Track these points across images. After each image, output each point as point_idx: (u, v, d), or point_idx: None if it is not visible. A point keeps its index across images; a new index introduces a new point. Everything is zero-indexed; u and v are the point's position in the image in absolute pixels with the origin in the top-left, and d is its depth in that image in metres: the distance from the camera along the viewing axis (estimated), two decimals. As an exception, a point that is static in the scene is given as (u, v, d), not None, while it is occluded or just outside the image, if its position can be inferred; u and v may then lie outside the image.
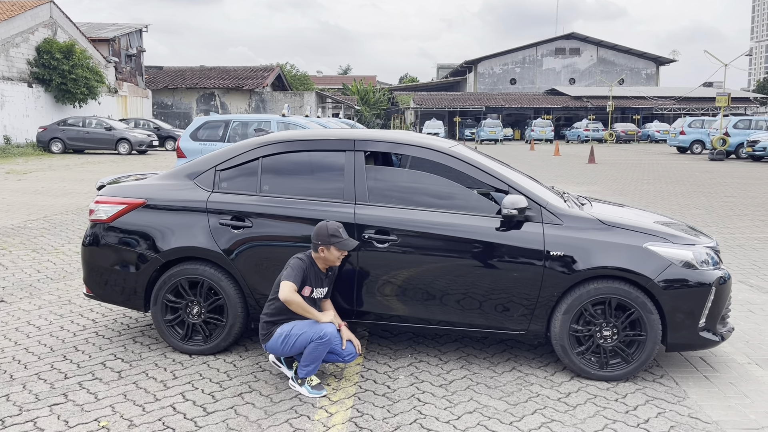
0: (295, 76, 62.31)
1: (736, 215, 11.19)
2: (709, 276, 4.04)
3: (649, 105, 54.77)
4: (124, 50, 39.86)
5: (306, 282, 3.89)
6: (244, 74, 46.48)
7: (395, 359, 4.43)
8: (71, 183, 15.42)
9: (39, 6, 29.97)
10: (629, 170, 20.95)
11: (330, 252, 3.89)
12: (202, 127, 12.61)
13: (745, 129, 27.52)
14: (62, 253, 7.72)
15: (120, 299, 4.59)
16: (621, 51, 65.09)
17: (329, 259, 3.93)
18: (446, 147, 4.48)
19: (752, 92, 65.46)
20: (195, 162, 4.69)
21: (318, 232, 3.91)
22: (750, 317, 5.42)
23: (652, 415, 3.61)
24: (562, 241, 4.03)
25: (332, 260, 3.93)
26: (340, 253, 3.92)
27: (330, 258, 3.92)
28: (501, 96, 58.70)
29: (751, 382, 4.10)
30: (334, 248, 3.88)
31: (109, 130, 27.05)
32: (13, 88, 27.81)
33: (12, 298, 5.79)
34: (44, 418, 3.50)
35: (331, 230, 3.88)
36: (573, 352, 4.08)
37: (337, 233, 3.87)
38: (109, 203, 4.53)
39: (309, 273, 3.92)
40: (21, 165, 20.57)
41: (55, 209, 11.22)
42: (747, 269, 7.16)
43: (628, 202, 11.85)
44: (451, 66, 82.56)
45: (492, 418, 3.56)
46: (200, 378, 4.06)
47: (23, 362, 4.30)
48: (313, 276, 3.94)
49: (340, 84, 71.32)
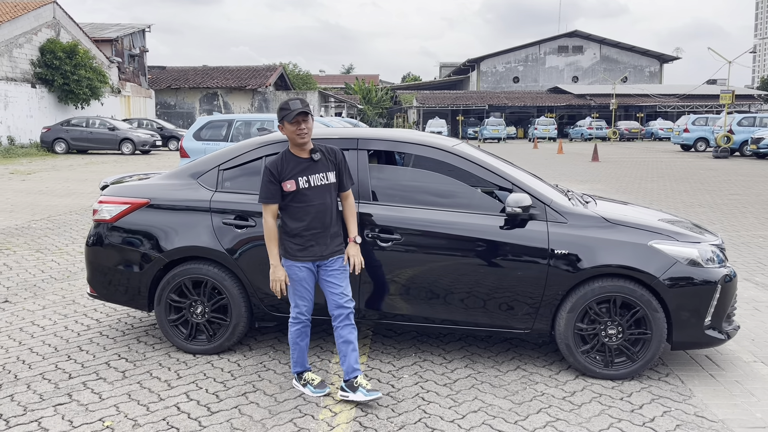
0: (297, 76, 62.34)
1: (740, 213, 11.15)
2: (715, 274, 4.02)
3: (652, 103, 54.63)
4: (127, 50, 39.91)
5: (283, 178, 3.58)
6: (247, 74, 46.50)
7: (399, 358, 4.42)
8: (75, 183, 15.45)
9: (42, 7, 30.03)
10: (633, 168, 20.90)
11: (286, 128, 3.58)
12: (205, 127, 12.62)
13: (750, 126, 27.39)
14: (66, 253, 7.73)
15: (124, 299, 4.59)
16: (624, 49, 64.94)
17: (291, 138, 3.59)
18: (449, 145, 4.47)
19: (756, 89, 65.24)
20: (198, 162, 4.69)
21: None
22: (756, 315, 5.40)
23: (657, 414, 3.60)
24: (566, 240, 4.02)
25: (292, 138, 3.57)
26: (294, 127, 3.54)
27: (290, 136, 3.59)
28: (504, 94, 58.63)
29: (757, 380, 4.08)
30: (286, 123, 3.56)
31: (113, 131, 27.11)
32: (16, 89, 27.88)
33: (16, 299, 5.80)
34: (49, 418, 3.50)
35: (281, 104, 3.60)
36: (578, 350, 4.07)
37: (285, 105, 3.57)
38: (112, 203, 4.53)
39: (285, 167, 3.60)
40: (25, 165, 20.62)
41: (59, 209, 11.24)
42: (752, 267, 7.13)
43: (632, 200, 11.82)
44: (454, 64, 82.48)
45: (497, 417, 3.55)
46: (204, 377, 4.06)
47: (28, 362, 4.30)
48: (293, 166, 3.60)
49: (342, 83, 71.30)
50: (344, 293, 3.70)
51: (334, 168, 3.71)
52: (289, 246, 3.68)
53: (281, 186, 3.59)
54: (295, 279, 3.69)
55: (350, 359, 3.68)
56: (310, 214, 3.62)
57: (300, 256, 3.66)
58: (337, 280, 3.71)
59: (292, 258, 3.68)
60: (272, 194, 3.59)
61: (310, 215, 3.62)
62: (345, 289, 3.72)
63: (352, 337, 3.69)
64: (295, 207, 3.63)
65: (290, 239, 3.67)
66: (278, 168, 3.58)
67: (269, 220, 3.64)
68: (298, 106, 3.52)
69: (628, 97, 54.35)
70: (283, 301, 4.29)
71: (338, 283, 3.71)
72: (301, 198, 3.61)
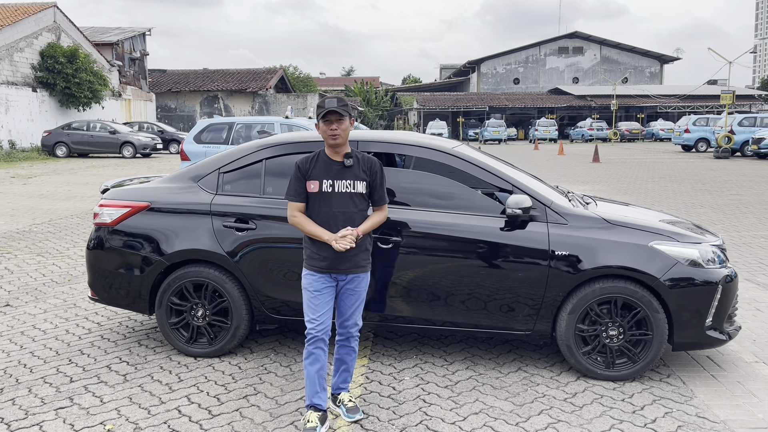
0: (298, 78, 62.36)
1: (741, 213, 11.14)
2: (716, 274, 4.01)
3: (653, 103, 54.61)
4: (127, 54, 39.98)
5: (309, 177, 3.36)
6: (248, 77, 46.56)
7: (400, 360, 4.41)
8: (76, 187, 15.47)
9: (43, 11, 30.09)
10: (634, 169, 20.89)
11: (320, 127, 3.34)
12: (205, 130, 12.63)
13: (750, 126, 27.38)
14: (67, 256, 7.74)
15: (125, 302, 4.59)
16: (624, 50, 64.94)
17: (324, 138, 3.36)
18: (449, 147, 4.47)
19: (757, 89, 65.20)
20: (198, 165, 4.69)
21: None
22: (757, 315, 5.39)
23: (659, 415, 3.59)
24: (567, 241, 4.02)
25: (325, 138, 3.34)
26: (326, 126, 3.29)
27: (323, 135, 3.35)
28: (504, 96, 58.62)
29: (758, 380, 4.07)
30: (321, 121, 3.31)
31: (114, 134, 27.16)
32: (17, 93, 27.93)
33: (18, 302, 5.81)
34: (50, 422, 3.50)
35: (319, 101, 3.36)
36: (579, 352, 4.06)
37: (321, 103, 3.33)
38: (113, 206, 4.53)
39: (314, 165, 3.37)
40: (26, 169, 20.65)
41: (60, 213, 11.25)
42: (753, 267, 7.12)
43: (633, 200, 11.81)
44: (454, 66, 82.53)
45: (498, 419, 3.55)
46: (205, 380, 4.06)
47: (29, 366, 4.30)
48: (322, 167, 3.37)
49: (343, 85, 71.37)
50: (352, 317, 3.47)
51: (367, 178, 3.41)
52: (310, 254, 3.41)
53: (306, 184, 3.37)
54: (309, 289, 3.39)
55: (339, 378, 3.58)
56: (329, 221, 3.34)
57: (317, 265, 3.38)
58: (350, 300, 3.45)
59: (311, 268, 3.40)
60: (298, 191, 3.37)
61: (329, 222, 3.34)
62: (354, 313, 3.47)
63: (349, 359, 3.54)
64: (317, 211, 3.38)
65: (310, 245, 3.41)
66: (307, 165, 3.37)
67: (296, 214, 3.39)
68: (333, 105, 3.27)
69: (628, 97, 54.35)
70: (283, 304, 4.29)
71: (350, 303, 3.45)
72: (322, 202, 3.36)
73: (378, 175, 3.45)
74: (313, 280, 3.39)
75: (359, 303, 3.47)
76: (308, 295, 3.39)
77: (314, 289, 3.38)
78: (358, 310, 3.48)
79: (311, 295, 3.38)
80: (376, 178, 3.44)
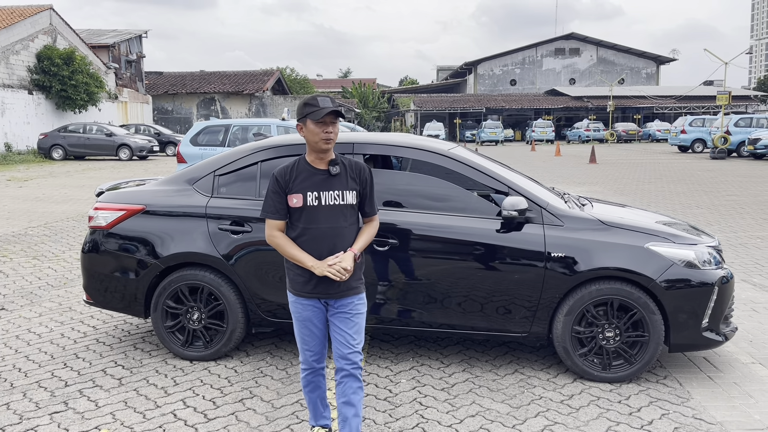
0: (295, 80, 62.40)
1: (738, 214, 11.16)
2: (712, 275, 4.02)
3: (649, 104, 54.72)
4: (123, 56, 39.94)
5: (290, 190, 2.88)
6: (244, 79, 46.55)
7: (397, 363, 4.40)
8: (72, 190, 15.43)
9: (39, 13, 30.05)
10: (630, 170, 20.92)
11: (308, 129, 2.84)
12: (202, 132, 12.63)
13: (747, 127, 27.45)
14: (63, 260, 7.71)
15: (120, 306, 4.58)
16: (621, 51, 65.06)
17: (310, 141, 2.86)
18: (445, 149, 4.47)
19: (753, 90, 65.37)
20: (194, 167, 4.68)
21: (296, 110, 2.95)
22: (753, 316, 5.40)
23: (656, 417, 3.59)
24: (563, 242, 4.01)
25: (313, 141, 2.85)
26: (320, 129, 2.82)
27: (310, 138, 2.85)
28: (501, 97, 58.67)
29: (755, 381, 4.07)
30: (310, 122, 2.83)
31: (110, 136, 27.10)
32: (13, 96, 27.88)
33: (12, 306, 5.78)
34: (44, 427, 3.48)
35: (305, 99, 2.90)
36: (575, 353, 4.06)
37: (312, 101, 2.87)
38: (108, 210, 4.52)
39: (295, 176, 2.89)
40: (22, 172, 20.59)
41: (56, 216, 11.22)
42: (750, 268, 7.13)
43: (630, 202, 11.83)
44: (451, 68, 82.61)
45: (495, 422, 3.54)
46: (201, 384, 4.05)
47: (23, 370, 4.28)
48: (305, 178, 2.89)
49: (339, 87, 71.35)
50: (350, 342, 2.93)
51: (357, 186, 2.95)
52: (293, 277, 2.96)
53: (287, 199, 2.90)
54: (299, 319, 2.99)
55: (351, 426, 2.92)
56: (317, 239, 2.88)
57: (305, 291, 2.93)
58: (344, 325, 2.93)
59: (296, 292, 2.96)
60: (277, 207, 2.90)
61: (317, 241, 2.88)
62: (353, 337, 2.94)
63: (356, 399, 2.94)
64: (302, 228, 2.90)
65: (294, 269, 2.95)
66: (286, 177, 2.89)
67: (275, 234, 2.93)
68: (328, 104, 2.84)
69: (625, 98, 54.42)
70: (279, 307, 4.28)
71: (345, 329, 2.93)
72: (308, 218, 2.88)
73: (368, 182, 3.00)
74: (300, 308, 2.97)
75: (357, 328, 2.96)
76: (298, 324, 3.01)
77: (303, 319, 2.98)
78: (358, 337, 2.96)
79: (301, 325, 3.00)
80: (366, 186, 2.99)
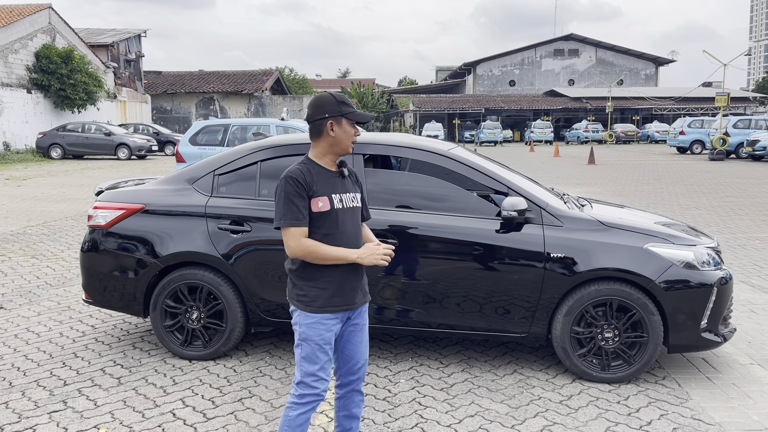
0: (294, 80, 62.39)
1: (736, 215, 11.17)
2: (711, 276, 4.02)
3: (648, 105, 54.75)
4: (122, 55, 39.90)
5: (314, 193, 2.62)
6: (243, 78, 46.53)
7: (396, 363, 4.41)
8: (71, 189, 15.41)
9: (38, 12, 30.01)
10: (629, 171, 20.93)
11: (342, 128, 2.64)
12: (201, 132, 12.62)
13: (745, 129, 27.50)
14: (62, 259, 7.71)
15: (119, 305, 4.57)
16: (620, 52, 65.09)
17: (341, 141, 2.66)
18: (445, 149, 4.47)
19: (752, 92, 65.42)
20: (193, 167, 4.68)
21: (320, 104, 2.66)
22: (752, 317, 5.40)
23: (654, 417, 3.59)
24: (562, 243, 4.02)
25: (345, 143, 2.67)
26: (354, 130, 2.69)
27: (342, 138, 2.65)
28: (500, 98, 58.68)
29: (753, 382, 4.08)
30: (346, 122, 2.65)
31: (109, 136, 27.07)
32: (12, 95, 27.85)
33: (11, 305, 5.78)
34: (43, 426, 3.48)
35: (339, 97, 2.70)
36: (574, 354, 4.06)
37: (347, 100, 2.70)
38: (107, 209, 4.52)
39: (314, 180, 2.63)
40: (20, 171, 20.57)
41: (54, 215, 11.20)
42: (748, 269, 7.14)
43: (629, 203, 11.84)
44: (450, 68, 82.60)
45: (494, 422, 3.54)
46: (200, 383, 4.04)
47: (22, 369, 4.28)
48: (323, 180, 2.66)
49: (339, 87, 71.32)
50: (364, 356, 2.80)
51: (359, 189, 2.85)
52: (314, 293, 2.63)
53: (310, 203, 2.62)
54: (321, 342, 2.62)
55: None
56: (343, 244, 2.64)
57: (331, 305, 2.64)
58: (358, 338, 2.77)
59: (318, 310, 2.62)
60: (301, 213, 2.57)
61: (343, 246, 2.64)
62: (364, 352, 2.80)
63: (359, 412, 2.86)
64: (324, 235, 2.62)
65: (314, 283, 2.64)
66: (307, 179, 2.60)
67: (304, 242, 2.57)
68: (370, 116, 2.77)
69: (624, 99, 54.45)
70: (279, 306, 4.28)
71: (360, 341, 2.77)
72: (333, 222, 2.64)
73: (363, 185, 3.00)
74: (323, 329, 2.63)
75: (367, 338, 2.83)
76: (318, 349, 2.62)
77: (327, 342, 2.64)
78: (366, 347, 2.83)
79: (322, 350, 2.63)
80: (363, 189, 2.92)
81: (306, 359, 2.63)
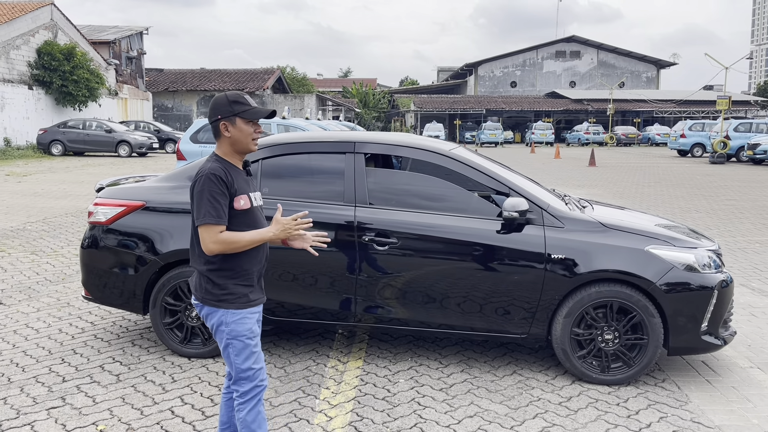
0: (295, 79, 62.30)
1: (737, 218, 11.17)
2: (711, 279, 4.01)
3: (649, 108, 54.76)
4: (124, 53, 39.88)
5: (235, 191, 2.65)
6: (245, 77, 46.51)
7: (395, 363, 4.40)
8: (71, 185, 15.41)
9: (40, 8, 30.00)
10: (630, 173, 20.93)
11: (237, 128, 2.65)
12: (202, 130, 12.62)
13: (746, 132, 27.52)
14: (61, 255, 7.70)
15: (119, 302, 4.57)
16: (621, 54, 65.15)
17: (239, 141, 2.67)
18: (446, 149, 4.47)
19: (753, 95, 65.43)
20: (194, 164, 4.67)
21: (213, 105, 2.69)
22: (752, 321, 5.40)
23: (654, 420, 3.59)
24: (563, 244, 4.01)
25: (243, 142, 2.67)
26: (252, 129, 2.67)
27: (238, 138, 2.66)
28: (501, 99, 58.70)
29: (753, 386, 4.07)
30: (240, 121, 2.65)
31: (110, 133, 27.06)
32: (13, 91, 27.82)
33: (11, 301, 5.77)
34: (42, 422, 3.47)
35: (232, 97, 2.68)
36: (574, 355, 4.06)
37: (240, 99, 2.68)
38: (108, 205, 4.51)
39: (234, 179, 2.66)
40: (21, 167, 20.56)
41: (54, 211, 11.20)
42: (749, 272, 7.13)
43: (629, 205, 11.83)
44: (451, 69, 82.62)
45: (493, 423, 3.53)
46: (199, 381, 4.04)
47: (21, 365, 4.27)
48: (241, 180, 2.71)
49: (340, 87, 71.34)
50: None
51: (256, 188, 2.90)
52: (237, 289, 2.67)
53: (232, 202, 2.64)
54: (248, 336, 2.69)
55: None
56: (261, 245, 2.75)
57: (254, 300, 2.73)
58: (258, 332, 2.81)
59: (243, 305, 2.68)
60: (223, 212, 2.59)
61: (261, 247, 2.75)
62: None
63: None
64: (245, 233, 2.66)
65: (235, 279, 2.67)
66: (229, 177, 2.63)
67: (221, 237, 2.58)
68: (267, 110, 2.74)
69: (625, 102, 54.47)
70: (278, 305, 4.27)
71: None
72: (252, 220, 2.71)
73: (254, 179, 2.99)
74: (250, 323, 2.70)
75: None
76: (249, 343, 2.69)
77: (255, 334, 2.72)
78: None
79: (253, 343, 2.70)
80: None
81: (239, 356, 2.68)
